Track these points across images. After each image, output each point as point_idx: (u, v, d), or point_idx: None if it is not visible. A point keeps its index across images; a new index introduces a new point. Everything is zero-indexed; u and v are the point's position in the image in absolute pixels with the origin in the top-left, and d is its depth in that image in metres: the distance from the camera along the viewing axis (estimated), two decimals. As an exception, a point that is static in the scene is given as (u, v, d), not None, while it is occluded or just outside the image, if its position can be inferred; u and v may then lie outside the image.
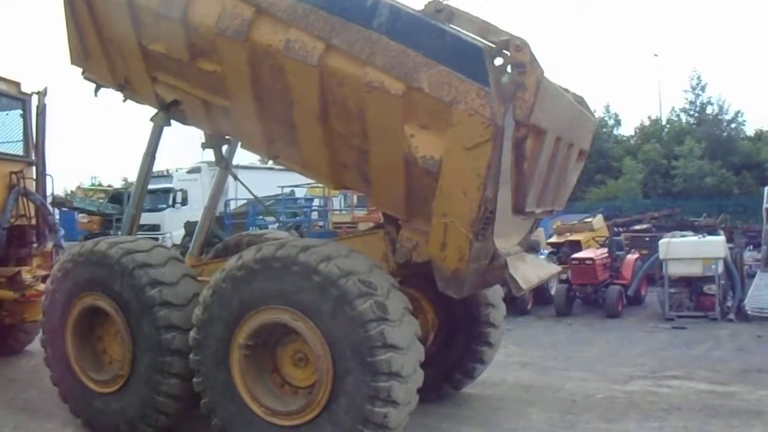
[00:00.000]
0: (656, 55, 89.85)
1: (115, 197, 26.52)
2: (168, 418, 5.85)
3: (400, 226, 5.55)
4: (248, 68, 5.64)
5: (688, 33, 78.82)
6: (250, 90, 5.77)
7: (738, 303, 12.36)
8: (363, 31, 4.97)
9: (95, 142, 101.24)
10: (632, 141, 46.52)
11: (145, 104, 7.10)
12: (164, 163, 28.13)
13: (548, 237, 17.28)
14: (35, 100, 9.68)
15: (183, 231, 18.96)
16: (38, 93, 9.67)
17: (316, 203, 23.83)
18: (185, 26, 5.93)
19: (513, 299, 7.34)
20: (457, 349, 7.00)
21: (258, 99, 5.80)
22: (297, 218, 22.05)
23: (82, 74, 7.56)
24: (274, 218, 19.74)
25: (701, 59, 62.90)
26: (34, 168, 9.69)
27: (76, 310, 6.23)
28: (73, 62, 7.50)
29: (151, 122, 7.04)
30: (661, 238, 13.42)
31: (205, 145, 7.63)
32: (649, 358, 9.21)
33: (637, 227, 19.69)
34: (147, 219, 20.23)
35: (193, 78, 6.31)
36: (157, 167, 8.98)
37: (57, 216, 12.13)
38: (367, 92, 4.98)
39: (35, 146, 9.68)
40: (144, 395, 5.79)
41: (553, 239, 16.75)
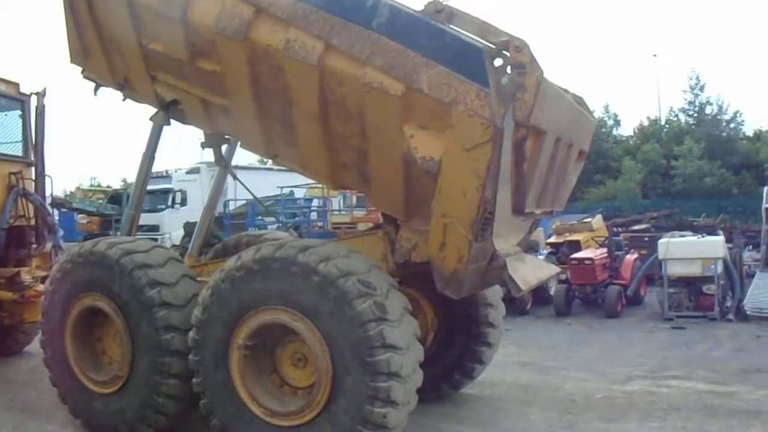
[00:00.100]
0: (655, 56, 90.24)
1: (115, 198, 26.50)
2: (167, 419, 5.85)
3: (399, 227, 5.55)
4: (248, 68, 5.64)
5: (687, 33, 79.06)
6: (250, 89, 5.77)
7: (737, 303, 12.35)
8: (363, 32, 4.97)
9: (94, 143, 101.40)
10: (631, 141, 46.57)
11: (145, 103, 7.09)
12: (163, 164, 28.09)
13: (547, 237, 17.29)
14: (34, 101, 9.68)
15: (182, 231, 18.96)
16: (37, 94, 9.67)
17: (315, 204, 23.82)
18: (185, 25, 5.92)
19: (512, 299, 7.33)
20: (457, 349, 7.00)
21: (257, 98, 5.80)
22: (296, 219, 22.04)
23: (82, 73, 7.55)
24: (274, 218, 19.72)
25: (700, 59, 63.21)
26: (33, 169, 9.69)
27: (76, 311, 6.23)
28: (73, 61, 7.48)
29: (151, 121, 7.04)
30: (661, 238, 13.43)
31: (205, 145, 7.62)
32: (649, 358, 9.21)
33: (637, 227, 19.69)
34: (146, 219, 20.21)
35: (193, 77, 6.31)
36: (156, 168, 8.96)
37: (56, 217, 12.14)
38: (367, 92, 4.97)
39: (34, 147, 9.67)
40: (143, 396, 5.79)
41: (553, 239, 16.76)
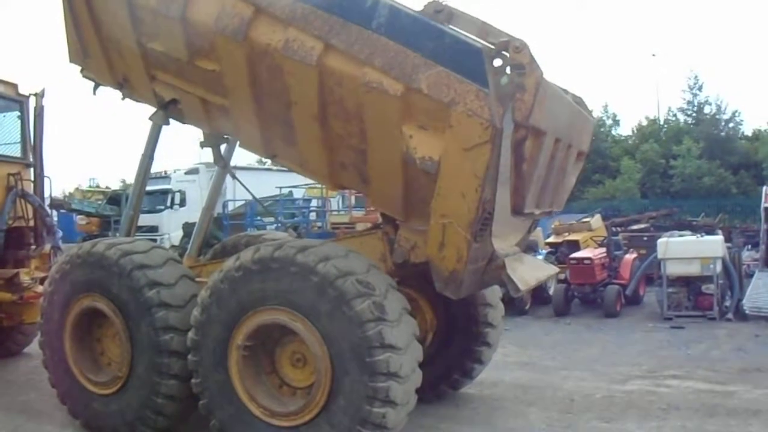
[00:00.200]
0: (654, 55, 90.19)
1: (113, 199, 26.50)
2: (166, 419, 5.84)
3: (398, 227, 5.54)
4: (247, 67, 5.63)
5: (686, 33, 79.15)
6: (249, 89, 5.76)
7: (736, 302, 12.35)
8: (362, 32, 4.96)
9: (93, 144, 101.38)
10: (630, 141, 46.65)
11: (144, 103, 7.08)
12: (162, 165, 28.03)
13: (546, 237, 17.30)
14: (33, 102, 9.68)
15: (181, 232, 18.96)
16: (36, 94, 9.67)
17: (314, 204, 23.82)
18: (184, 25, 5.92)
19: (511, 299, 7.34)
20: (456, 349, 6.99)
21: (256, 98, 5.79)
22: (295, 219, 22.04)
23: (81, 72, 7.53)
24: (273, 219, 19.72)
25: (699, 59, 62.99)
26: (32, 170, 9.69)
27: (75, 312, 6.22)
28: (72, 60, 7.47)
29: (150, 121, 7.04)
30: (659, 238, 13.44)
31: (204, 144, 7.60)
32: (648, 358, 9.22)
33: (635, 227, 19.69)
34: (145, 220, 20.24)
35: (192, 77, 6.29)
36: (155, 168, 8.96)
37: (55, 218, 12.12)
38: (366, 92, 4.97)
39: (33, 148, 9.67)
40: (142, 396, 5.79)
41: (552, 239, 16.78)
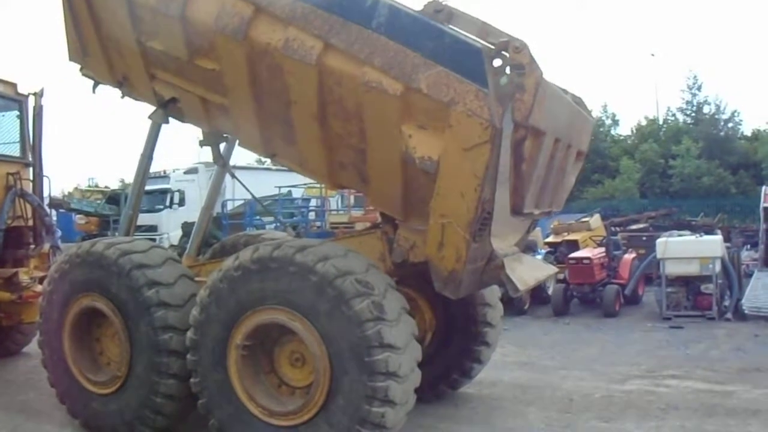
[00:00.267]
0: (653, 55, 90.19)
1: (113, 198, 26.49)
2: (165, 419, 5.85)
3: (398, 226, 5.54)
4: (246, 66, 5.63)
5: (685, 33, 79.08)
6: (248, 88, 5.76)
7: (735, 302, 12.35)
8: (362, 31, 4.96)
9: (92, 144, 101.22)
10: (629, 141, 46.65)
11: (143, 101, 7.08)
12: (161, 164, 28.04)
13: (545, 236, 17.29)
14: (32, 102, 9.67)
15: (180, 232, 18.96)
16: (35, 94, 9.66)
17: (314, 203, 23.81)
18: (184, 23, 5.91)
19: (510, 299, 7.35)
20: (455, 349, 6.99)
21: (256, 97, 5.79)
22: (294, 218, 22.04)
23: (80, 71, 7.52)
24: (272, 218, 19.70)
25: (698, 59, 63.23)
26: (31, 169, 9.68)
27: (74, 312, 6.22)
28: (71, 58, 7.46)
29: (149, 120, 7.03)
30: (659, 238, 13.44)
31: (203, 143, 7.57)
32: (647, 358, 9.22)
33: (635, 227, 19.70)
34: (144, 220, 20.21)
35: (192, 76, 6.29)
36: (154, 168, 8.95)
37: (54, 217, 12.11)
38: (366, 92, 4.97)
39: (32, 147, 9.66)
40: (141, 396, 5.79)
41: (551, 239, 16.77)
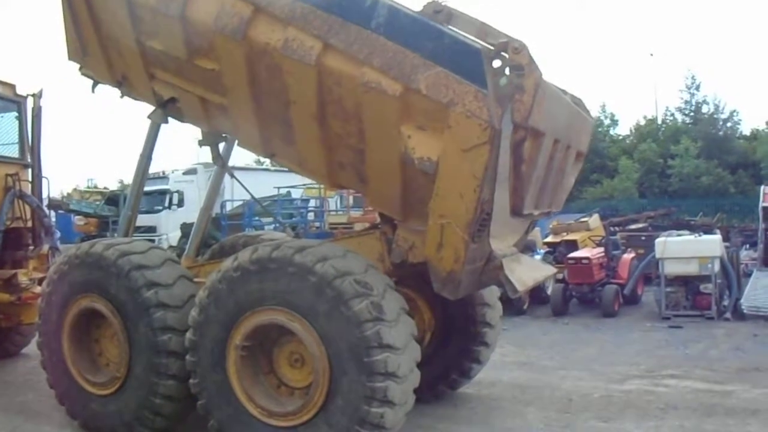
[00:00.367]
0: (652, 55, 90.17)
1: (112, 199, 26.41)
2: (165, 420, 5.85)
3: (397, 227, 5.54)
4: (246, 66, 5.63)
5: (684, 32, 79.06)
6: (248, 88, 5.76)
7: (734, 302, 12.37)
8: (361, 31, 4.96)
9: (91, 145, 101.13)
10: (628, 140, 46.67)
11: (143, 101, 7.07)
12: (160, 165, 28.04)
13: (545, 237, 17.30)
14: (31, 103, 9.66)
15: (179, 232, 18.93)
16: (34, 95, 9.66)
17: (312, 204, 23.80)
18: (183, 23, 5.91)
19: (509, 299, 7.34)
20: (454, 349, 6.99)
21: (255, 97, 5.79)
22: (293, 219, 22.04)
23: (80, 70, 7.51)
24: (271, 219, 19.69)
25: (697, 58, 63.23)
26: (30, 170, 9.67)
27: (73, 313, 6.22)
28: (71, 58, 7.45)
29: (149, 119, 7.02)
30: (658, 238, 13.45)
31: (202, 143, 7.55)
32: (646, 358, 9.22)
33: (634, 226, 19.69)
34: (143, 221, 20.17)
35: (191, 75, 6.29)
36: (153, 169, 8.95)
37: (53, 218, 12.10)
38: (365, 92, 4.97)
39: (31, 148, 9.65)
40: (141, 397, 5.79)
41: (550, 239, 16.78)
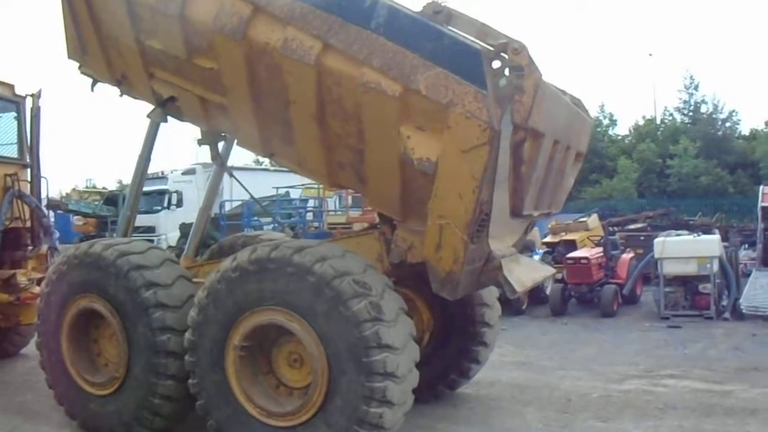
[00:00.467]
0: (651, 55, 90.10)
1: (110, 199, 26.37)
2: (163, 420, 5.85)
3: (396, 227, 5.54)
4: (245, 66, 5.63)
5: (683, 32, 79.09)
6: (247, 88, 5.76)
7: (733, 302, 12.38)
8: (361, 32, 4.97)
9: (90, 145, 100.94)
10: (627, 140, 46.63)
11: (142, 100, 7.07)
12: (159, 165, 27.97)
13: (543, 236, 17.31)
14: (29, 103, 9.65)
15: (178, 232, 18.92)
16: (32, 95, 9.65)
17: (311, 204, 23.79)
18: (182, 23, 5.91)
19: (508, 299, 7.34)
20: (452, 349, 7.00)
21: (255, 97, 5.79)
22: (292, 219, 22.04)
23: (79, 69, 7.51)
24: (270, 219, 19.68)
25: (696, 58, 63.22)
26: (29, 170, 9.66)
27: (72, 313, 6.22)
28: (70, 56, 7.45)
29: (148, 118, 7.03)
30: (656, 238, 13.46)
31: (201, 142, 7.54)
32: (645, 357, 9.23)
33: (632, 226, 19.70)
34: (142, 221, 20.16)
35: (190, 75, 6.29)
36: (152, 169, 8.95)
37: (52, 218, 12.10)
38: (364, 93, 4.97)
39: (30, 148, 9.64)
40: (139, 397, 5.79)
41: (548, 239, 16.79)
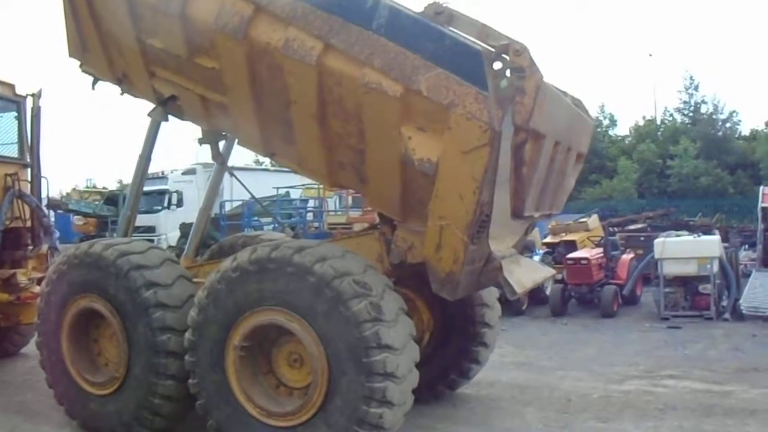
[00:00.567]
0: (651, 55, 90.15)
1: (111, 199, 26.35)
2: (163, 420, 5.86)
3: (396, 227, 5.54)
4: (246, 66, 5.63)
5: (683, 33, 79.09)
6: (248, 87, 5.76)
7: (733, 302, 12.38)
8: (362, 32, 4.97)
9: (90, 144, 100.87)
10: (627, 141, 46.64)
11: (143, 99, 7.07)
12: (159, 165, 27.97)
13: (543, 237, 17.30)
14: (30, 102, 9.66)
15: (178, 232, 18.92)
16: (33, 95, 9.66)
17: (311, 204, 23.79)
18: (183, 22, 5.91)
19: (508, 300, 7.34)
20: (452, 350, 7.00)
21: (255, 96, 5.79)
22: (292, 219, 22.03)
23: (80, 67, 7.50)
24: (270, 219, 19.67)
25: (697, 59, 63.17)
26: (29, 170, 9.67)
27: (72, 312, 6.22)
28: (71, 54, 7.44)
29: (149, 117, 7.03)
30: (656, 238, 13.46)
31: (202, 141, 7.54)
32: (645, 358, 9.23)
33: (632, 227, 19.70)
34: (142, 221, 20.15)
35: (191, 74, 6.28)
36: (152, 169, 8.95)
37: (52, 218, 12.10)
38: (365, 93, 4.97)
39: (30, 148, 9.65)
40: (139, 397, 5.79)
41: (549, 239, 16.79)
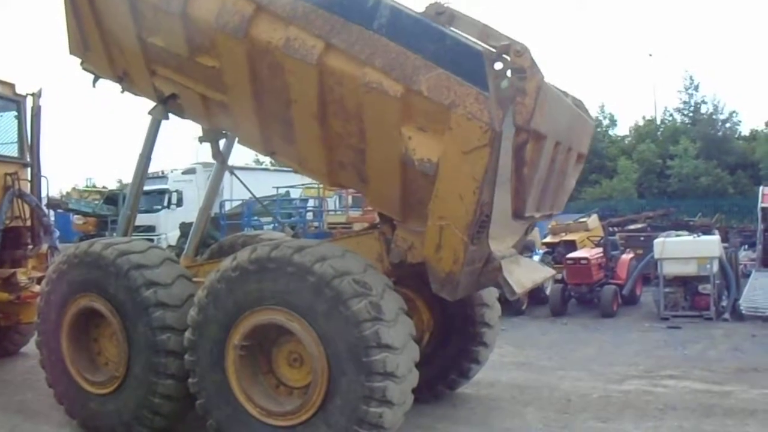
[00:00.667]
0: (651, 55, 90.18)
1: (111, 198, 26.37)
2: (163, 419, 5.86)
3: (396, 227, 5.54)
4: (247, 65, 5.63)
5: (683, 33, 79.13)
6: (249, 86, 5.76)
7: (733, 302, 12.39)
8: (363, 32, 4.97)
9: (90, 144, 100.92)
10: (627, 141, 46.66)
11: (143, 97, 7.07)
12: (159, 164, 27.95)
13: (543, 237, 17.31)
14: (30, 102, 9.66)
15: (178, 232, 18.93)
16: (33, 94, 9.65)
17: (311, 204, 23.78)
18: (184, 21, 5.90)
19: (508, 300, 7.34)
20: (452, 349, 7.00)
21: (256, 95, 5.79)
22: (292, 219, 22.03)
23: (81, 65, 7.50)
24: (271, 218, 19.66)
25: (697, 59, 63.17)
26: (29, 169, 9.67)
27: (72, 312, 6.22)
28: (72, 52, 7.43)
29: (149, 115, 7.03)
30: (656, 238, 13.46)
31: (202, 140, 7.52)
32: (645, 358, 9.23)
33: (632, 227, 19.71)
34: (142, 220, 20.15)
35: (192, 72, 6.28)
36: (152, 168, 8.94)
37: (52, 217, 12.10)
38: (366, 93, 4.97)
39: (30, 148, 9.65)
40: (139, 396, 5.79)
41: (548, 239, 16.80)
